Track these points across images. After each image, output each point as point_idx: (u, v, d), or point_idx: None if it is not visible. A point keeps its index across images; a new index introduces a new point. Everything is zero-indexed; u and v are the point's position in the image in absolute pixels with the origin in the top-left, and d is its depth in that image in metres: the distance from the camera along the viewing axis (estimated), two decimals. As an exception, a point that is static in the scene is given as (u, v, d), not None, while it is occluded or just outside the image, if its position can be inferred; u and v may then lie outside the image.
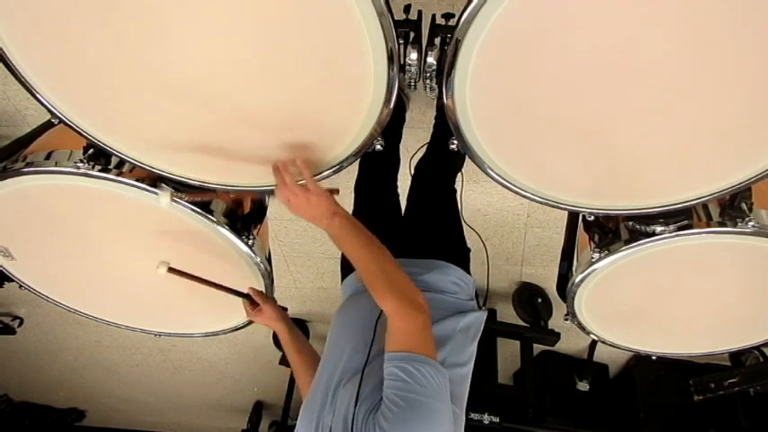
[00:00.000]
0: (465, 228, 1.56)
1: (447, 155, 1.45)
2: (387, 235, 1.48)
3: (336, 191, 1.12)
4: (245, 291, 1.40)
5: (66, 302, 1.58)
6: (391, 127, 1.18)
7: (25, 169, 1.11)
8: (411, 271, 1.26)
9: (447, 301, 1.23)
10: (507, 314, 2.78)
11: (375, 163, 1.65)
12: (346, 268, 1.49)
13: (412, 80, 0.97)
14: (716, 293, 1.33)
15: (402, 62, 0.90)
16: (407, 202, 1.62)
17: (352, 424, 0.93)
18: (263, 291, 1.44)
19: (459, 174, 1.72)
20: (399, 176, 1.74)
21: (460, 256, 1.40)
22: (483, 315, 1.26)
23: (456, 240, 1.48)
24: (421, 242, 1.40)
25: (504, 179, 1.03)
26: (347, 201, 1.75)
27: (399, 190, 1.71)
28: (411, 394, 0.89)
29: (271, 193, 1.11)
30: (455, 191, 1.61)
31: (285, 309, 1.48)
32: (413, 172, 1.68)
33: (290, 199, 1.05)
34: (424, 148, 1.75)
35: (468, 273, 1.37)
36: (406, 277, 1.06)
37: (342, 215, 1.07)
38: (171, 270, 1.28)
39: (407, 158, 1.79)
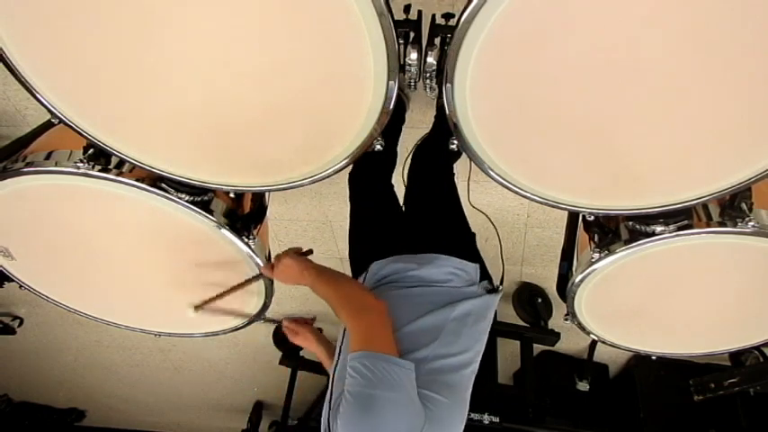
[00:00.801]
0: (475, 213, 1.60)
1: (446, 153, 1.51)
2: (389, 233, 1.49)
3: (310, 251, 1.36)
4: (280, 319, 1.56)
5: (66, 302, 1.58)
6: (391, 127, 1.23)
7: (25, 169, 1.11)
8: (404, 267, 1.29)
9: (440, 292, 1.24)
10: (507, 314, 2.78)
11: (373, 162, 1.66)
12: (355, 269, 1.50)
13: (412, 80, 0.97)
14: (716, 293, 1.33)
15: (402, 62, 0.90)
16: (406, 195, 1.63)
17: (329, 425, 0.99)
18: (264, 291, 1.44)
19: (461, 173, 1.72)
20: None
21: (460, 244, 1.40)
22: (486, 299, 1.26)
23: (456, 229, 1.48)
24: (420, 236, 1.41)
25: (504, 179, 1.03)
26: (343, 199, 1.76)
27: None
28: (359, 388, 0.94)
29: (270, 191, 1.13)
30: (453, 175, 1.62)
31: (320, 330, 1.60)
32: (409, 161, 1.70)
33: (271, 270, 1.29)
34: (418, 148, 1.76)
35: (472, 258, 1.36)
36: (357, 287, 1.23)
37: (310, 268, 1.26)
38: (198, 307, 1.40)
39: (402, 158, 1.79)
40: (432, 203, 1.53)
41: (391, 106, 0.89)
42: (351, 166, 1.69)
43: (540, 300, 2.75)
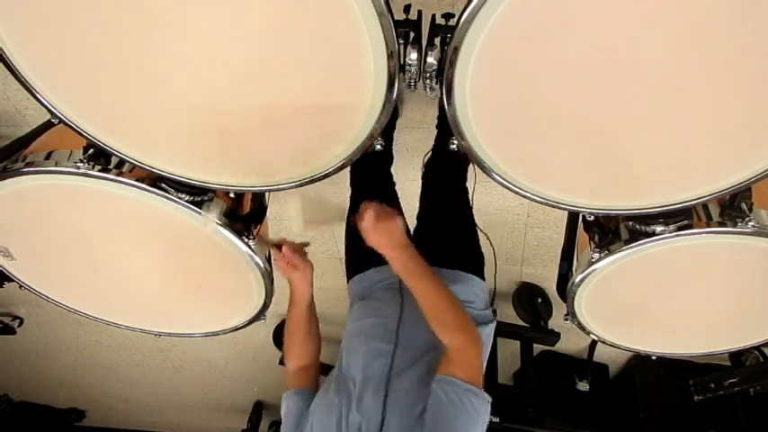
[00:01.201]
0: (475, 213, 1.58)
1: (450, 154, 1.49)
2: None
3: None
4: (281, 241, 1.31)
5: (66, 302, 1.58)
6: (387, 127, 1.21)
7: (25, 169, 1.11)
8: None
9: (470, 313, 1.25)
10: (507, 314, 2.78)
11: (371, 163, 1.65)
12: (353, 267, 1.49)
13: (412, 80, 0.97)
14: (716, 293, 1.33)
15: (402, 62, 0.90)
16: (420, 207, 1.63)
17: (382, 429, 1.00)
18: (264, 291, 1.44)
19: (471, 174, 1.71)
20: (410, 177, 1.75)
21: (479, 264, 1.41)
22: (495, 324, 1.28)
23: (474, 247, 1.48)
24: (441, 250, 1.40)
25: (505, 179, 1.03)
26: (343, 199, 1.75)
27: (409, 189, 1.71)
28: (452, 422, 0.96)
29: (270, 191, 1.13)
30: (467, 190, 1.61)
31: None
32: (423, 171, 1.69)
33: (373, 220, 1.09)
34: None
35: (483, 279, 1.38)
36: (468, 314, 1.13)
37: (413, 246, 1.12)
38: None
39: (417, 159, 1.79)
40: (448, 216, 1.52)
41: (392, 106, 0.89)
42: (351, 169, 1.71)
43: (540, 300, 2.75)
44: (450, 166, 1.61)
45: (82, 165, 1.07)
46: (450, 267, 1.34)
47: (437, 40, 0.96)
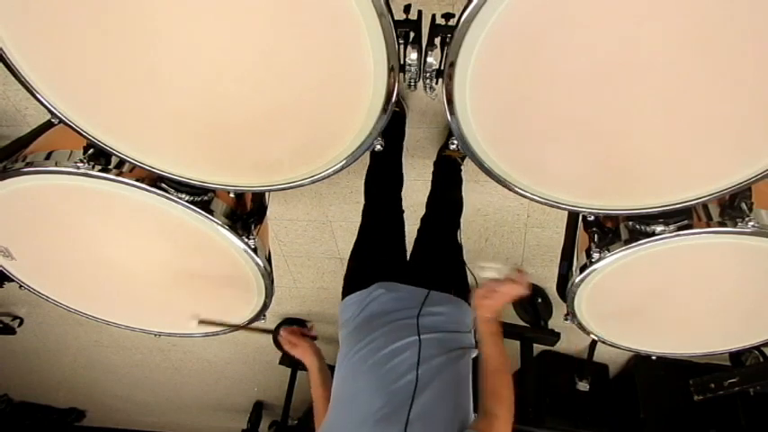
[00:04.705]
0: (475, 213, 1.67)
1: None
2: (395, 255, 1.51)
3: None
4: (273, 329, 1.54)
5: (66, 302, 1.58)
6: (392, 139, 1.22)
7: (25, 169, 1.11)
8: (444, 311, 1.35)
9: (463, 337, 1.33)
10: (507, 314, 2.78)
11: (381, 175, 1.67)
12: (352, 282, 1.50)
13: (412, 80, 0.97)
14: (716, 293, 1.33)
15: (402, 62, 0.90)
16: (425, 212, 1.65)
17: None
18: (264, 291, 1.44)
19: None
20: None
21: (467, 291, 1.46)
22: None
23: (465, 276, 1.54)
24: (437, 272, 1.48)
25: (504, 179, 1.03)
26: (343, 199, 1.75)
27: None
28: None
29: (270, 191, 1.13)
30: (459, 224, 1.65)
31: (315, 337, 1.58)
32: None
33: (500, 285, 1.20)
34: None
35: (470, 305, 1.43)
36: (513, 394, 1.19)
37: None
38: (201, 322, 1.48)
39: (417, 159, 1.80)
40: (447, 238, 1.56)
41: (391, 106, 0.89)
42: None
43: (540, 300, 2.74)
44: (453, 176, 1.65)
45: (82, 165, 1.07)
46: (445, 290, 1.40)
47: (437, 40, 0.96)
